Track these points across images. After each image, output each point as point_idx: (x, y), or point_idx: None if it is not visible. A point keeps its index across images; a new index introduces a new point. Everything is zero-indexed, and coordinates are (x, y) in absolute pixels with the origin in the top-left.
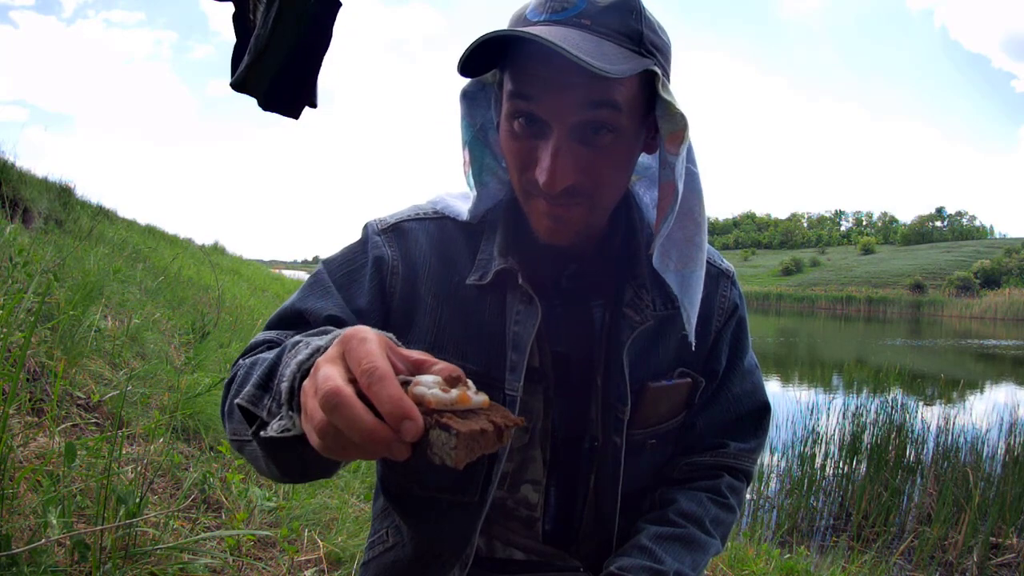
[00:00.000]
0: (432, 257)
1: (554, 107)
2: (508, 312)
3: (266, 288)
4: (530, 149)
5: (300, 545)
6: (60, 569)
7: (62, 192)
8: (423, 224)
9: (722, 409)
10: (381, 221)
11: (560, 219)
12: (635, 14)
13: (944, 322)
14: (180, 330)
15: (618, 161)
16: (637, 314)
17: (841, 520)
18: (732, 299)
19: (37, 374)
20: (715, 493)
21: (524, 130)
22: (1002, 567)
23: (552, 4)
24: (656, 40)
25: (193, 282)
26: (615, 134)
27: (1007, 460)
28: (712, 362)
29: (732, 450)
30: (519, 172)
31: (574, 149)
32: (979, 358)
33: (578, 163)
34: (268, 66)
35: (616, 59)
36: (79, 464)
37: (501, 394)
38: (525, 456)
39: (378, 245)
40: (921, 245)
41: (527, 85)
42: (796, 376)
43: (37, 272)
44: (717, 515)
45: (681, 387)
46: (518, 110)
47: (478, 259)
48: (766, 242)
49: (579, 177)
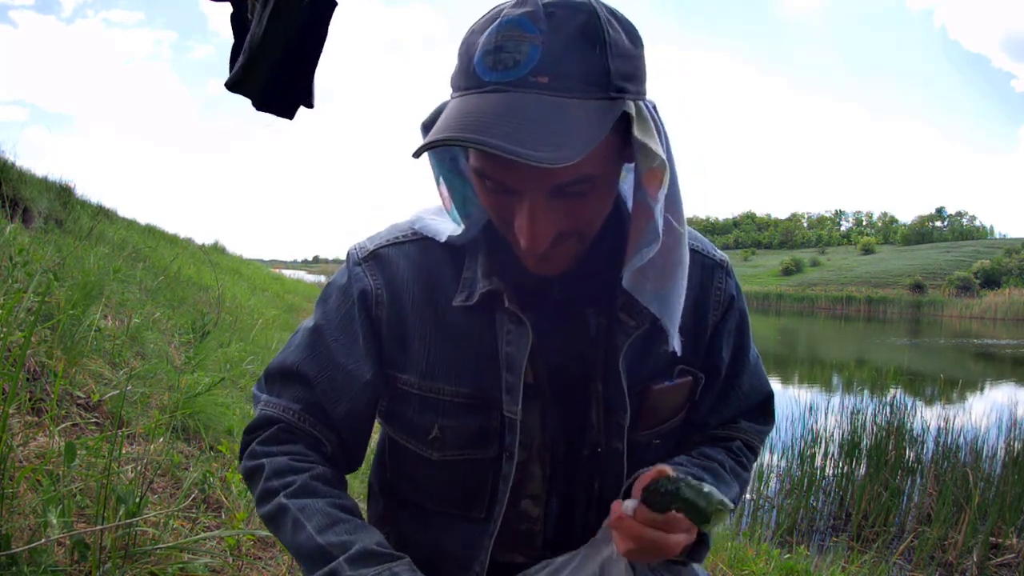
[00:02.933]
0: (415, 283)
1: (520, 183)
2: (499, 332)
3: (266, 288)
4: (505, 204)
5: None
6: (60, 569)
7: (62, 192)
8: (402, 249)
9: (734, 404)
10: (361, 248)
11: (547, 258)
12: (599, 46)
13: (944, 322)
14: (180, 330)
15: (600, 203)
16: (632, 318)
17: (841, 520)
18: (728, 291)
19: (37, 374)
20: (729, 450)
21: (495, 190)
22: (1002, 567)
23: (502, 58)
24: (624, 66)
25: (193, 282)
26: (592, 184)
27: (1007, 460)
28: (712, 357)
29: (743, 426)
30: (498, 222)
31: (551, 206)
32: (979, 358)
33: (558, 217)
34: (262, 66)
35: (581, 125)
36: (79, 464)
37: (499, 416)
38: (524, 473)
39: (360, 277)
40: (921, 245)
41: (487, 168)
42: (796, 376)
43: (37, 272)
44: (734, 466)
45: (683, 386)
46: (484, 174)
47: (463, 278)
48: (766, 242)
49: (561, 227)
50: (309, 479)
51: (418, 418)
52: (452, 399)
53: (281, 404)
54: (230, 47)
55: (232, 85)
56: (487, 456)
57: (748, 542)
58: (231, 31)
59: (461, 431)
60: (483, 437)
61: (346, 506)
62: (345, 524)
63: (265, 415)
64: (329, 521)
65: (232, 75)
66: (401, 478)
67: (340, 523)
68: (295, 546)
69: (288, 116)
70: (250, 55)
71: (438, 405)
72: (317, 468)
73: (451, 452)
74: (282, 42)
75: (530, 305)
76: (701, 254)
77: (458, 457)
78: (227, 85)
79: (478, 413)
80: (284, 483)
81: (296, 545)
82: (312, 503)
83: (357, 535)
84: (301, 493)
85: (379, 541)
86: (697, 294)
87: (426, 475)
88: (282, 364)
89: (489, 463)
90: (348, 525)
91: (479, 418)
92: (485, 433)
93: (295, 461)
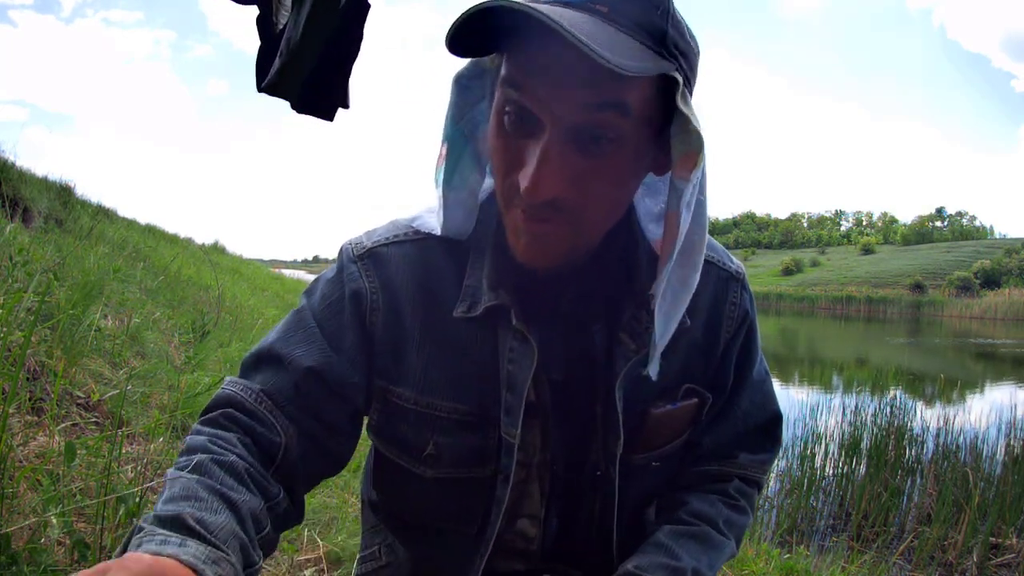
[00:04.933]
0: (414, 287)
1: (550, 102)
2: (501, 348)
3: (266, 288)
4: (517, 149)
5: (300, 544)
6: (60, 568)
7: (62, 191)
8: (402, 248)
9: (731, 425)
10: (357, 245)
11: (537, 237)
12: (661, 10)
13: (944, 322)
14: (180, 329)
15: (617, 178)
16: (633, 340)
17: (841, 520)
18: (743, 306)
19: (37, 373)
20: (725, 496)
21: (513, 126)
22: (1002, 567)
23: None
24: (682, 44)
25: (193, 281)
26: (617, 145)
27: (1007, 460)
28: (722, 375)
29: (742, 461)
30: (502, 175)
31: (566, 155)
32: (979, 358)
33: (568, 172)
34: (299, 69)
35: (632, 55)
36: (79, 463)
37: (497, 435)
38: (522, 492)
39: (354, 277)
40: (921, 245)
41: (521, 72)
42: (796, 376)
43: (37, 271)
44: (730, 516)
45: (687, 408)
46: (508, 100)
47: (465, 285)
48: (766, 242)
49: (566, 189)
50: (210, 461)
51: (412, 434)
52: (449, 415)
53: (241, 383)
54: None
55: (270, 88)
56: (483, 475)
57: (748, 542)
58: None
59: (457, 449)
60: (479, 456)
61: (223, 493)
62: (199, 502)
63: (221, 395)
64: (185, 494)
65: (269, 78)
66: (391, 494)
67: (194, 500)
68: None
69: (328, 118)
70: (287, 58)
71: (434, 422)
72: (229, 456)
73: (445, 470)
74: (319, 45)
75: (536, 320)
76: (717, 266)
77: (452, 475)
78: (264, 88)
79: (475, 431)
80: (184, 461)
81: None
82: (187, 478)
83: (194, 508)
84: (187, 468)
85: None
86: (710, 309)
87: (417, 491)
88: (257, 351)
89: (484, 482)
90: (201, 504)
91: (476, 436)
92: (482, 452)
93: (211, 443)
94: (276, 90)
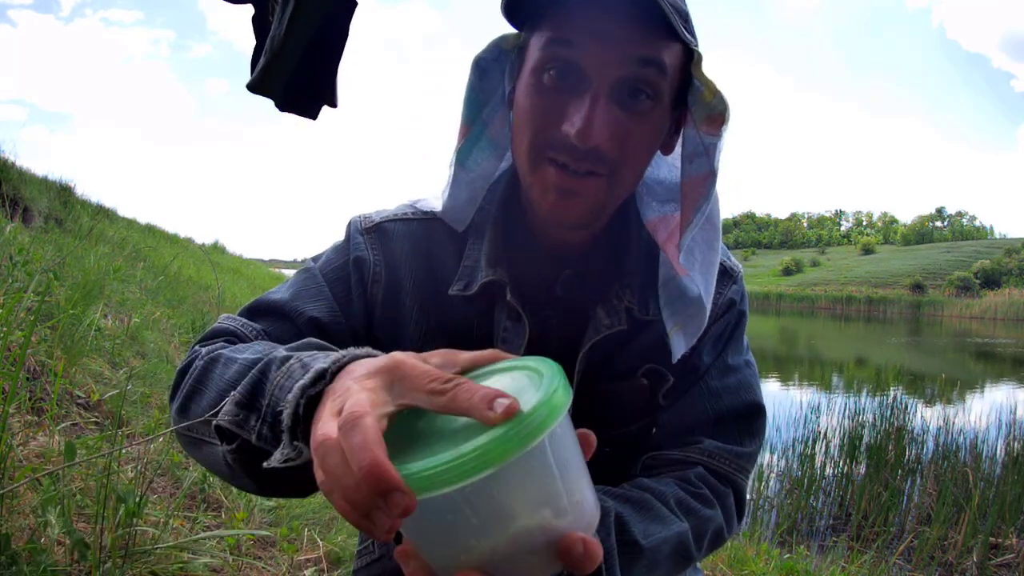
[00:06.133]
0: (416, 263)
1: (598, 57)
2: (496, 326)
3: (266, 287)
4: (559, 105)
5: (300, 544)
6: (60, 568)
7: (62, 191)
8: (408, 226)
9: (694, 403)
10: (365, 219)
11: (571, 193)
12: None
13: (944, 322)
14: (180, 329)
15: (650, 136)
16: (608, 316)
17: (841, 520)
18: (728, 296)
19: (37, 373)
20: (683, 480)
21: (555, 83)
22: (1002, 567)
23: None
24: (693, 29)
25: (193, 281)
26: (654, 102)
27: (1007, 460)
28: (693, 358)
29: (707, 447)
30: (534, 132)
31: (611, 109)
32: (979, 358)
33: (612, 124)
34: (283, 67)
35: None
36: (79, 463)
37: None
38: None
39: (360, 247)
40: (921, 245)
41: (571, 30)
42: (796, 376)
43: (37, 271)
44: (684, 499)
45: (636, 386)
46: (555, 57)
47: (463, 265)
48: (766, 242)
49: (610, 141)
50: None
51: None
52: None
53: (241, 320)
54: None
55: (254, 86)
56: None
57: (748, 542)
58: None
59: None
60: None
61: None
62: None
63: (219, 327)
64: (269, 348)
65: (253, 76)
66: None
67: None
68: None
69: (312, 116)
70: (271, 56)
71: None
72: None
73: None
74: (303, 42)
75: (531, 303)
76: None
77: None
78: (249, 86)
79: None
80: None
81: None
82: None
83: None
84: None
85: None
86: None
87: None
88: (258, 302)
89: None
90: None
91: None
92: None
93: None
94: (260, 88)
